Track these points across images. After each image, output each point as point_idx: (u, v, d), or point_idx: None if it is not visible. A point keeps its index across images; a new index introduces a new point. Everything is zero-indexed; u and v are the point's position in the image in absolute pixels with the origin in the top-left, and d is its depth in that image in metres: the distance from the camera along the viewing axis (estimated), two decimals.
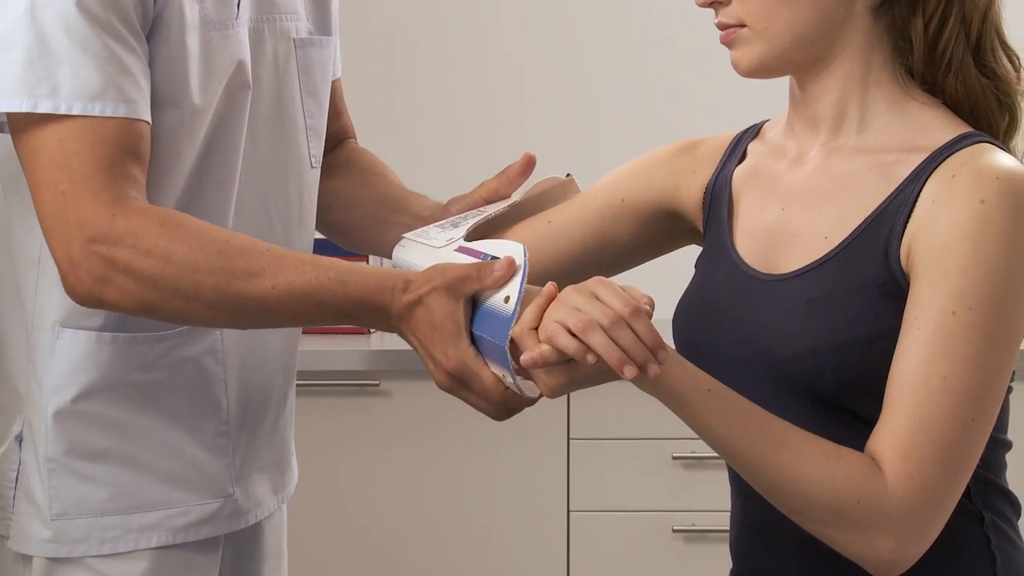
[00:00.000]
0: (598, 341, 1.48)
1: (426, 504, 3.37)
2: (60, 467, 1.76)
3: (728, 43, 1.63)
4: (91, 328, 1.75)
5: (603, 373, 1.52)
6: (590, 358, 1.48)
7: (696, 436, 3.57)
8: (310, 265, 1.64)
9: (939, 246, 1.51)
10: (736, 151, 1.74)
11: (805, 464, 1.51)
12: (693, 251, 1.80)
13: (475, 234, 1.76)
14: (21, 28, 1.64)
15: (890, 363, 1.53)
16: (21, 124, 1.66)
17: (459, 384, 1.62)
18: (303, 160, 1.90)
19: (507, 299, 1.58)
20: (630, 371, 1.48)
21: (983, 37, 1.60)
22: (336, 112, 2.02)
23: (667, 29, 3.79)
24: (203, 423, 1.82)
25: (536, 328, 1.53)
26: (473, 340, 1.61)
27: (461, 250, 1.71)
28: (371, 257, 2.98)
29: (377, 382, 3.35)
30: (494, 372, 1.59)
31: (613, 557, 3.36)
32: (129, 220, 1.62)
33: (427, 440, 3.36)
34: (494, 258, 1.63)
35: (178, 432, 1.80)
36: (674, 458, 3.33)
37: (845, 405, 1.57)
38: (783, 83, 1.69)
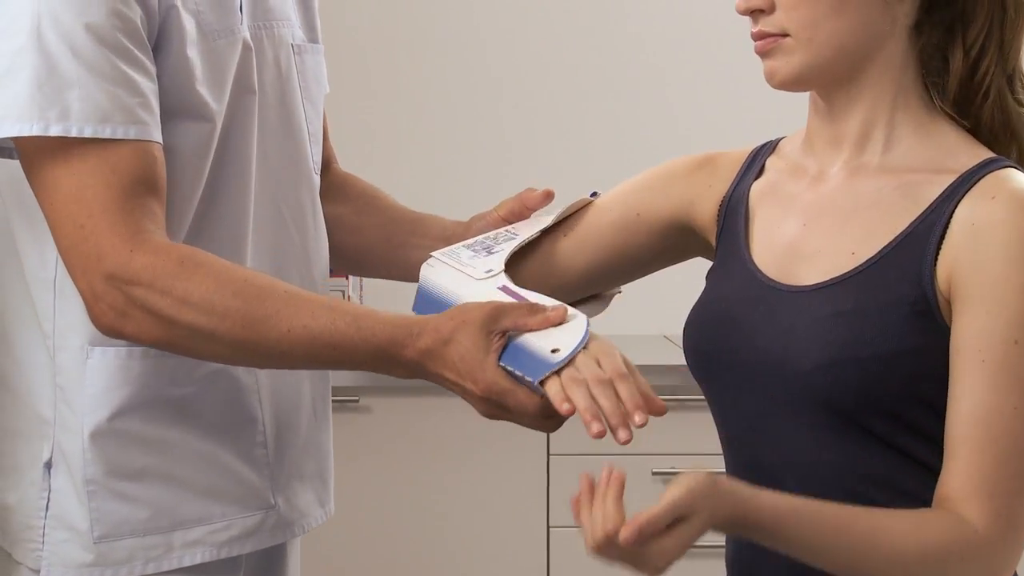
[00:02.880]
0: (579, 395, 1.52)
1: (406, 520, 3.36)
2: (100, 488, 1.74)
3: (765, 52, 1.61)
4: (121, 345, 1.73)
5: None
6: (566, 407, 1.52)
7: (677, 452, 3.57)
8: (326, 309, 1.64)
9: (992, 275, 1.51)
10: (753, 166, 1.74)
11: (903, 544, 1.50)
12: (702, 263, 1.79)
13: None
14: (28, 51, 1.63)
15: (910, 382, 1.54)
16: (32, 153, 1.66)
17: (496, 406, 1.60)
18: (309, 166, 1.89)
19: (555, 351, 1.57)
20: (596, 428, 1.51)
21: (1020, 66, 1.61)
22: (324, 131, 2.00)
23: (649, 39, 3.81)
24: (240, 434, 1.80)
25: None
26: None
27: (505, 290, 1.69)
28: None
29: (357, 398, 3.34)
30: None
31: (593, 573, 3.35)
32: (147, 258, 1.63)
33: (407, 456, 3.36)
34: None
35: (216, 445, 1.78)
36: (654, 474, 3.33)
37: (860, 422, 1.57)
38: (767, 99, 1.68)
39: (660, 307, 3.14)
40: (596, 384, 1.52)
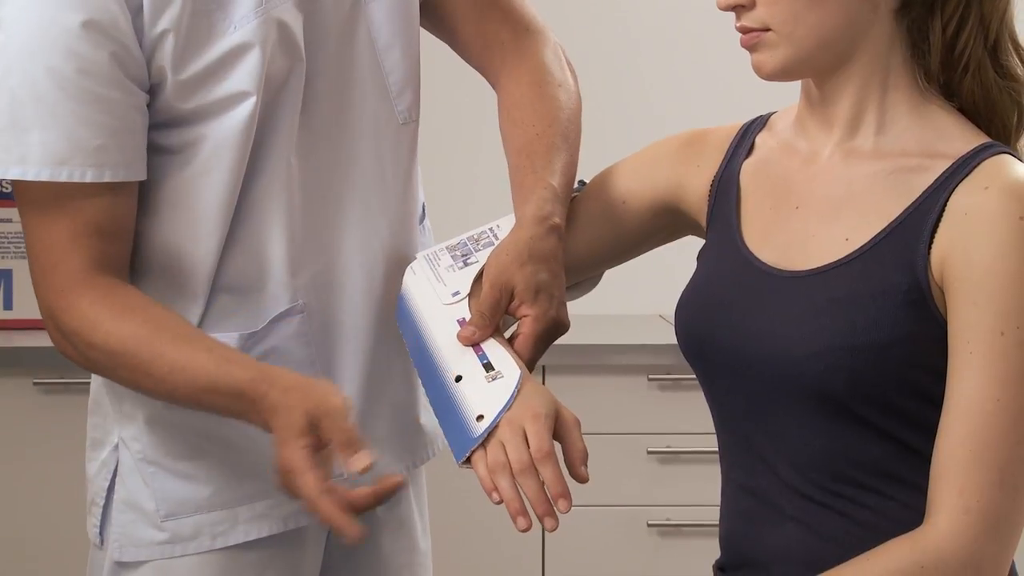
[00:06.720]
0: (504, 485, 1.54)
1: None
2: (161, 470, 1.81)
3: (750, 47, 1.61)
4: None
5: None
6: (495, 496, 1.54)
7: (672, 431, 3.57)
8: (204, 352, 1.69)
9: (981, 265, 1.51)
10: (744, 143, 1.73)
11: None
12: (697, 242, 1.78)
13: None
14: None
15: (903, 371, 1.54)
16: (14, 191, 1.73)
17: (283, 484, 1.64)
18: (381, 121, 1.86)
19: (480, 417, 1.60)
20: (523, 523, 1.52)
21: (1000, 38, 1.60)
22: (466, 21, 1.98)
23: (633, 29, 3.80)
24: None
25: None
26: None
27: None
28: None
29: None
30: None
31: (588, 552, 3.36)
32: (69, 300, 1.71)
33: None
34: (490, 365, 1.64)
35: None
36: (649, 452, 3.33)
37: (852, 408, 1.56)
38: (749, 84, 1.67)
39: (655, 287, 3.14)
40: (520, 473, 1.54)
